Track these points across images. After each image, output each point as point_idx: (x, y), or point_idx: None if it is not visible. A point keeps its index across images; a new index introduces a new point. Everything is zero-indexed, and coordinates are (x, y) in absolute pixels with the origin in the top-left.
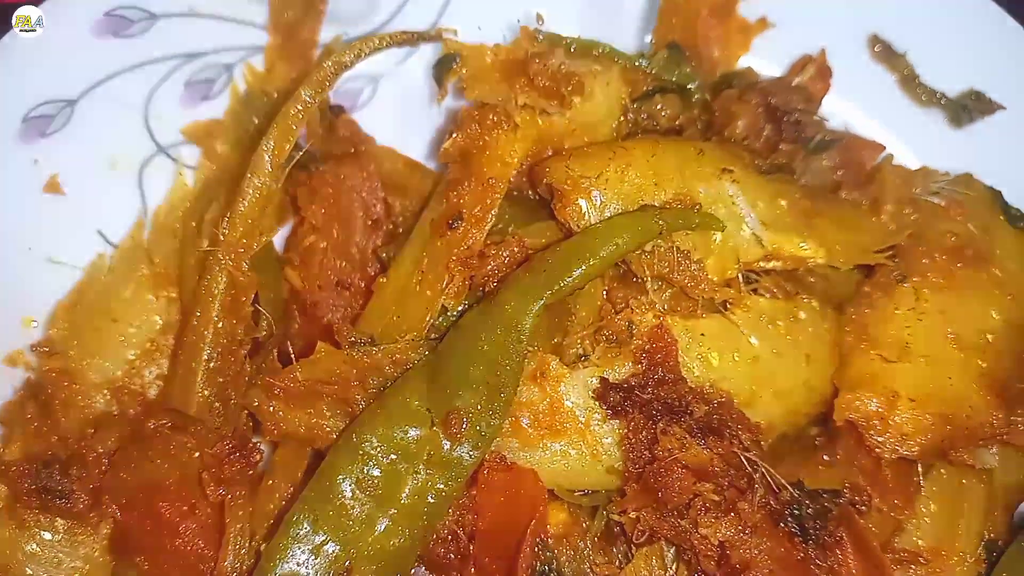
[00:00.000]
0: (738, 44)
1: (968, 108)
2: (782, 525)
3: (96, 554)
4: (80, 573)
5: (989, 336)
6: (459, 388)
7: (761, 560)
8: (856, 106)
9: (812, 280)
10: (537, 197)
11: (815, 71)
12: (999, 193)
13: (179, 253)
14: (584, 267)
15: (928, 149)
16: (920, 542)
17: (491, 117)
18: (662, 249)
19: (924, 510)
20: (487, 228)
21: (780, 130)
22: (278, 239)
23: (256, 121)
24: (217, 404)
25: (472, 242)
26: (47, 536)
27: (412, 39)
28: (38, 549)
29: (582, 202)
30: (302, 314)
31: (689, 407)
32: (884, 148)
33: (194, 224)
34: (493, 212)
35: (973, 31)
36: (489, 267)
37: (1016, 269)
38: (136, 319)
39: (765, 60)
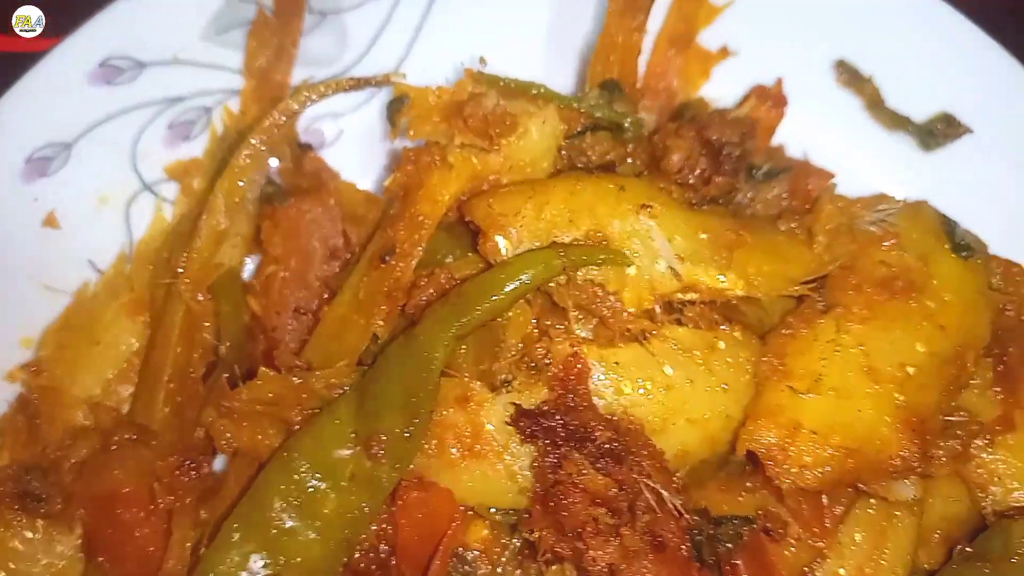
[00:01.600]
0: (698, 73)
1: (935, 132)
2: (683, 549)
3: (71, 552)
4: (56, 569)
5: (911, 369)
6: (380, 412)
7: None
8: (824, 133)
9: (745, 310)
10: None
11: (770, 100)
12: (949, 221)
13: (151, 282)
14: (490, 301)
15: (900, 174)
16: (842, 571)
17: (425, 157)
18: (580, 281)
19: (848, 539)
20: (414, 262)
21: (717, 163)
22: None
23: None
24: (175, 421)
25: (400, 275)
26: (28, 535)
27: (359, 84)
28: (20, 546)
29: (499, 238)
30: (264, 338)
31: (592, 433)
32: (832, 176)
33: (166, 255)
34: (421, 247)
35: (946, 50)
36: (420, 298)
37: (953, 300)
38: (115, 341)
39: (729, 88)
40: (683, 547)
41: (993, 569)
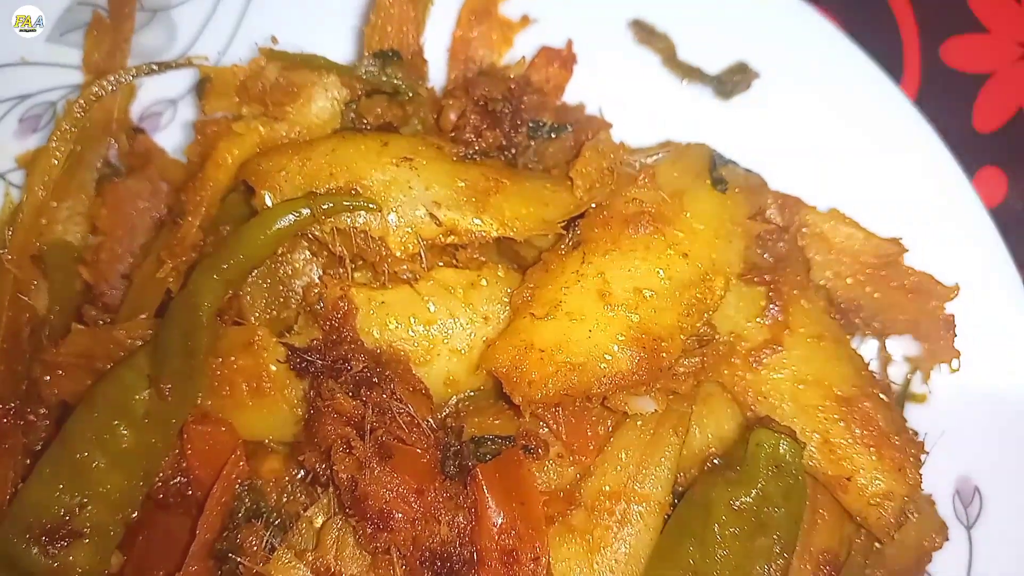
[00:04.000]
0: (501, 42)
1: (728, 81)
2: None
3: None
4: None
5: (648, 293)
6: (165, 356)
7: (378, 492)
8: (623, 89)
9: (524, 253)
10: None
11: (557, 61)
12: (717, 160)
13: None
14: (248, 248)
15: (699, 124)
16: (607, 488)
17: (213, 127)
18: (347, 230)
19: (613, 458)
20: (198, 220)
21: (492, 119)
22: None
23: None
24: (7, 375)
25: (184, 232)
26: None
27: (162, 68)
28: None
29: (266, 193)
30: (96, 303)
31: (348, 364)
32: (610, 126)
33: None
34: (204, 207)
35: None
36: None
37: (703, 230)
38: None
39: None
40: (426, 458)
41: (735, 473)
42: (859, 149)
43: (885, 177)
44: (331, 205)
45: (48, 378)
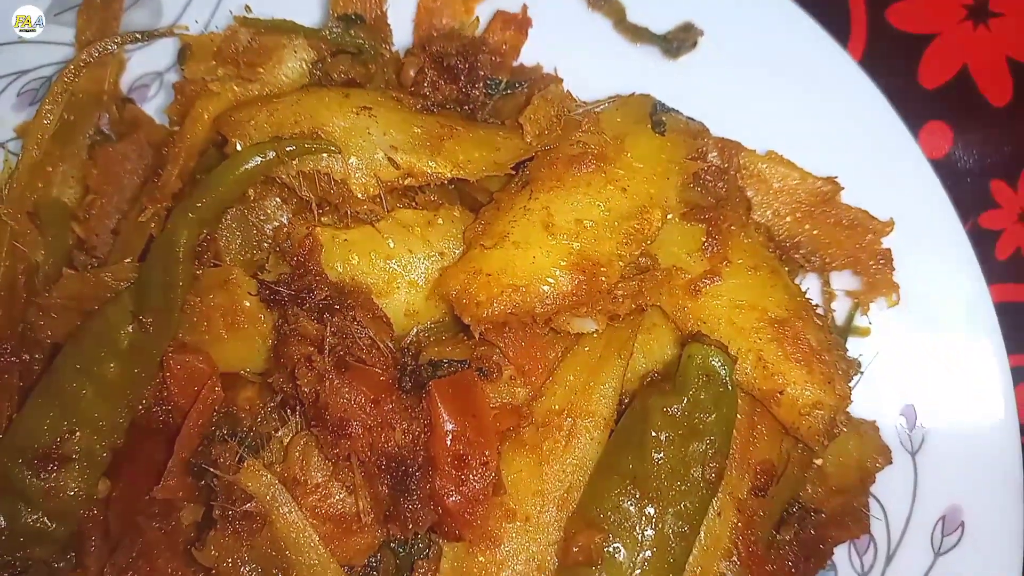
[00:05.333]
0: (463, 12)
1: (673, 39)
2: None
3: None
4: None
5: (588, 223)
6: (147, 292)
7: (337, 402)
8: (578, 52)
9: (476, 195)
10: None
11: (513, 25)
12: (659, 108)
13: None
14: (219, 187)
15: (648, 83)
16: (556, 406)
17: (191, 87)
18: (312, 174)
19: (562, 379)
20: (176, 169)
21: (449, 74)
22: None
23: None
24: (5, 320)
25: (164, 179)
26: None
27: (144, 37)
28: None
29: (236, 141)
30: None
31: (312, 293)
32: (560, 80)
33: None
34: (181, 159)
35: None
36: None
37: (642, 168)
38: None
39: None
40: (384, 376)
41: (670, 385)
42: (803, 108)
43: (828, 132)
44: (295, 148)
45: (41, 321)
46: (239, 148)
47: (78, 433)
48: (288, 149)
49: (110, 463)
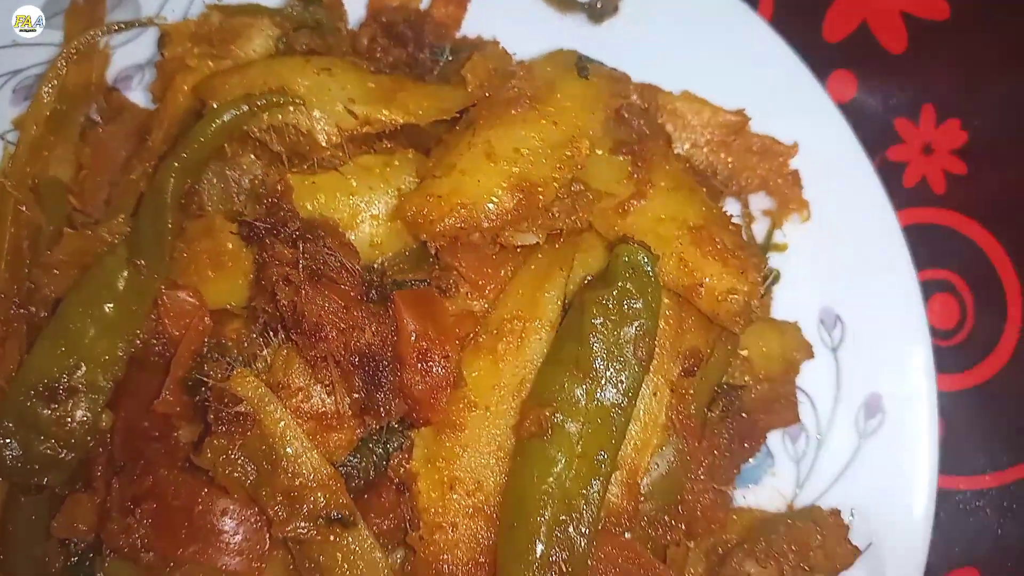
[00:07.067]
0: None
1: (594, 5)
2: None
3: None
4: None
5: (525, 151)
6: (139, 237)
7: (312, 309)
8: (511, 23)
9: (427, 142)
10: None
11: (453, 2)
12: (584, 59)
13: None
14: (200, 138)
15: (577, 44)
16: (506, 316)
17: (170, 66)
18: (281, 127)
19: (513, 293)
20: (161, 133)
21: (398, 40)
22: None
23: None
24: (12, 280)
25: (150, 144)
26: None
27: (126, 26)
28: None
29: (213, 103)
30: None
31: (286, 225)
32: (498, 43)
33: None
34: (165, 124)
35: None
36: None
37: (571, 105)
38: None
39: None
40: (352, 292)
41: (601, 285)
42: (718, 64)
43: (742, 85)
44: (264, 101)
45: (45, 279)
46: (215, 107)
47: (83, 367)
48: (259, 103)
49: (112, 397)
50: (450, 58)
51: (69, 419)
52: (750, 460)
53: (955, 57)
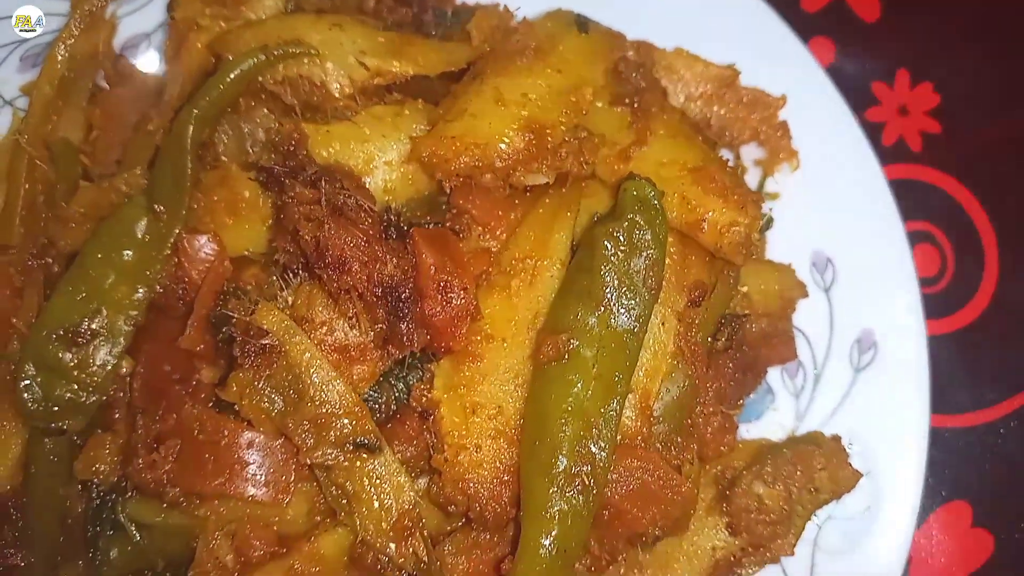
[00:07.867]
0: None
1: None
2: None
3: None
4: None
5: (532, 96)
6: (158, 185)
7: (336, 243)
8: None
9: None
10: None
11: None
12: (578, 15)
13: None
14: (219, 86)
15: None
16: (519, 253)
17: (182, 25)
18: (295, 79)
19: (524, 234)
20: (178, 88)
21: (400, 2)
22: None
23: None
24: (28, 235)
25: (168, 97)
26: None
27: None
28: None
29: (229, 55)
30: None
31: (305, 170)
32: (498, 5)
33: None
34: (180, 79)
35: None
36: None
37: (572, 57)
38: None
39: None
40: (372, 230)
41: (611, 219)
42: (705, 26)
43: (728, 50)
44: (281, 51)
45: (61, 233)
46: (231, 58)
47: (104, 311)
48: (276, 52)
49: (132, 343)
50: (453, 23)
51: (90, 362)
52: (751, 395)
53: (926, 25)
